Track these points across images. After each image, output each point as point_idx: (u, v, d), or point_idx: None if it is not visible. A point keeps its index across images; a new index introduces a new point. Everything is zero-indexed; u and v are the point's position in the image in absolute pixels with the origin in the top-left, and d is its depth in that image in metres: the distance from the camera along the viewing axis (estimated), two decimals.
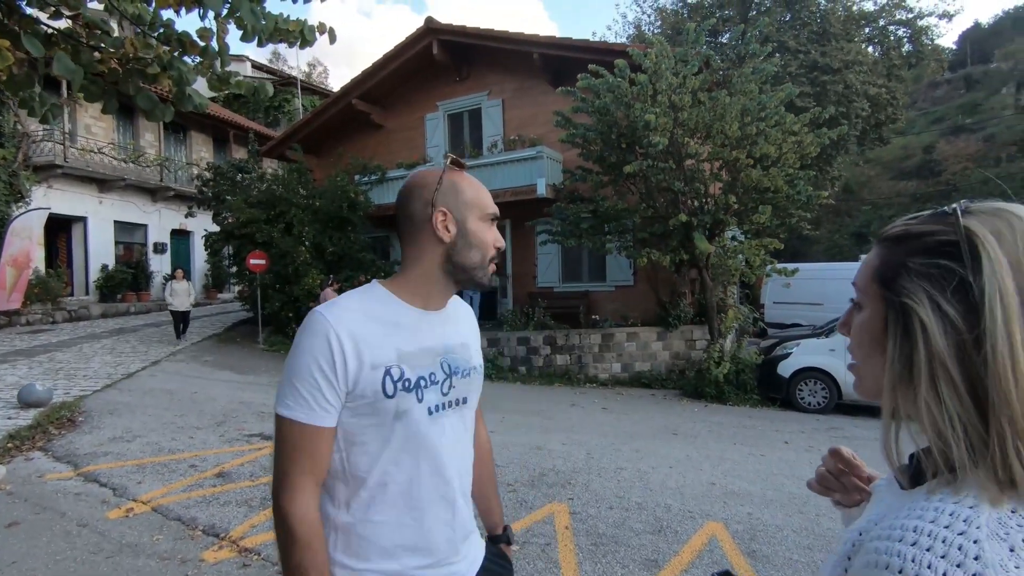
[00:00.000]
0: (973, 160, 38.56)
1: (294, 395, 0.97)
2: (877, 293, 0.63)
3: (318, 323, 0.99)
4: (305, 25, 2.49)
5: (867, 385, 0.67)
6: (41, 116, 2.80)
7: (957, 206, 0.59)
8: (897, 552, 0.52)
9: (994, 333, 0.53)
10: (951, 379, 0.55)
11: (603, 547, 3.47)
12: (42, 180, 14.57)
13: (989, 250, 0.55)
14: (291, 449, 0.97)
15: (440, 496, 1.06)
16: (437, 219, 1.06)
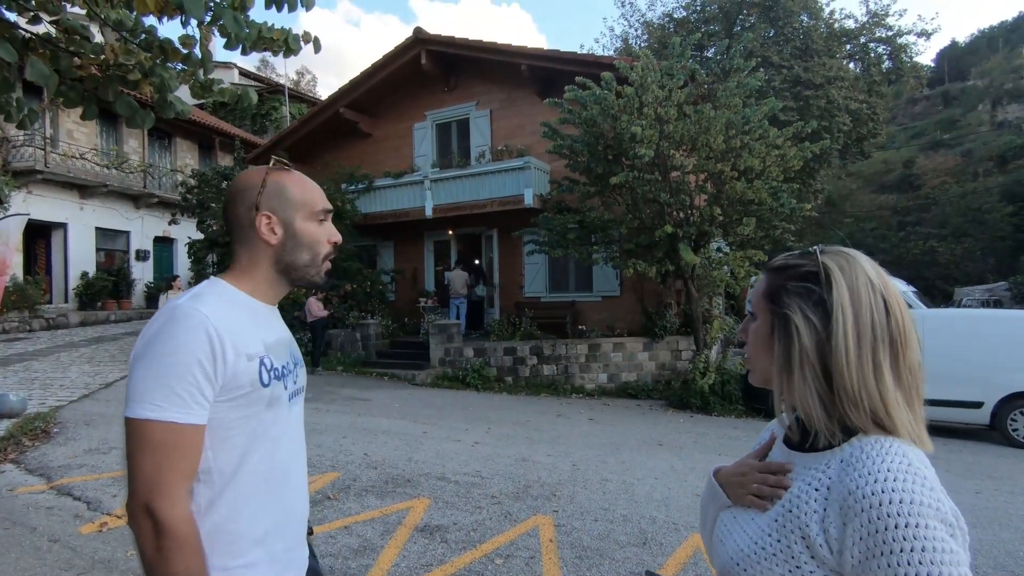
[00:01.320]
0: (951, 175, 39.39)
1: (166, 394, 0.91)
2: (766, 307, 0.87)
3: (192, 316, 0.94)
4: (290, 34, 2.47)
5: (758, 375, 0.90)
6: (18, 121, 2.76)
7: (817, 248, 0.86)
8: (903, 488, 0.71)
9: (838, 332, 0.78)
10: (813, 366, 0.79)
11: (588, 560, 3.45)
12: (22, 185, 14.32)
13: (837, 278, 0.81)
14: (166, 453, 0.90)
15: (295, 478, 1.09)
16: (261, 223, 1.06)
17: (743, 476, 0.92)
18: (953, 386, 7.39)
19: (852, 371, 0.77)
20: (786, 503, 0.80)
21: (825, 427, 0.79)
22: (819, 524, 0.75)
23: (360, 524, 3.89)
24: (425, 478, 4.92)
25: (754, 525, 0.84)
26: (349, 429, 6.70)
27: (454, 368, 10.86)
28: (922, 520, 0.68)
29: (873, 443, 0.76)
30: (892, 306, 0.80)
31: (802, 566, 0.75)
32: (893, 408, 0.78)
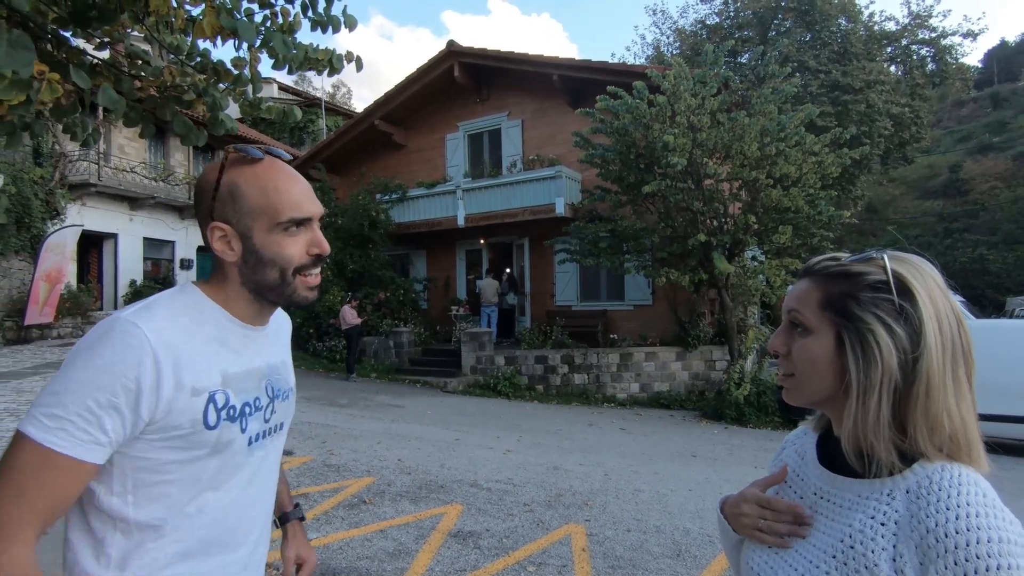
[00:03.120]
0: (1001, 179, 37.82)
1: (57, 414, 0.74)
2: (829, 321, 0.76)
3: (131, 335, 0.77)
4: (333, 54, 2.59)
5: (807, 396, 0.80)
6: (83, 140, 2.94)
7: (881, 253, 0.77)
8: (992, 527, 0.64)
9: (929, 349, 0.70)
10: (896, 388, 0.71)
11: (620, 570, 3.44)
12: (76, 198, 15.10)
13: (916, 287, 0.72)
14: (25, 481, 0.73)
15: (244, 539, 0.91)
16: (214, 236, 0.86)
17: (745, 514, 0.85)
18: (1006, 400, 7.08)
19: (937, 391, 0.70)
20: (846, 538, 0.73)
21: (887, 454, 0.72)
22: (889, 563, 0.69)
23: (395, 528, 3.96)
24: (458, 484, 4.97)
25: (804, 561, 0.77)
26: (383, 435, 6.82)
27: (485, 376, 10.93)
28: (1014, 560, 0.63)
29: (941, 471, 0.70)
30: (961, 318, 0.74)
31: None
32: (972, 429, 0.73)
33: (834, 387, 0.76)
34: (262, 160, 0.87)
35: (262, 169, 0.86)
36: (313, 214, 0.89)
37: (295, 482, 4.90)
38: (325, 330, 12.78)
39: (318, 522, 4.03)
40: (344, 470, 5.27)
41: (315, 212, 0.89)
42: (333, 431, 6.75)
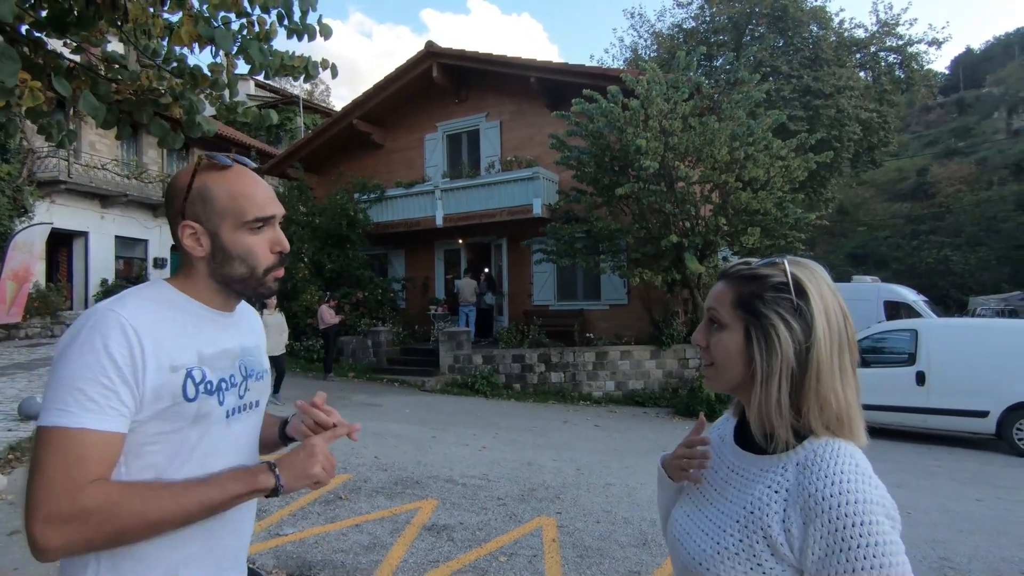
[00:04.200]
0: (966, 183, 39.07)
1: (80, 400, 0.80)
2: (739, 317, 0.89)
3: (110, 318, 0.85)
4: (309, 61, 2.67)
5: (723, 383, 0.93)
6: (58, 141, 2.97)
7: (783, 259, 0.89)
8: (858, 489, 0.77)
9: (818, 339, 0.83)
10: (791, 373, 0.84)
11: (588, 559, 3.57)
12: (45, 195, 14.76)
13: (809, 287, 0.85)
14: (70, 464, 0.79)
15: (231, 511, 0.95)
16: (185, 233, 0.94)
17: (676, 458, 1.02)
18: (959, 396, 7.42)
19: (826, 376, 0.82)
20: (748, 505, 0.84)
21: (785, 432, 0.84)
22: (780, 524, 0.80)
23: (370, 523, 4.05)
24: (433, 480, 5.07)
25: (713, 525, 0.89)
26: (360, 433, 6.86)
27: (463, 375, 11.02)
28: (874, 517, 0.75)
29: (825, 446, 0.82)
30: (847, 314, 0.87)
31: (763, 563, 0.81)
32: (854, 409, 0.85)
33: (744, 375, 0.88)
34: (231, 167, 0.96)
35: (231, 175, 0.95)
36: (275, 213, 0.99)
37: None
38: (303, 330, 12.72)
39: (294, 517, 4.09)
40: None
41: (277, 212, 0.99)
42: None
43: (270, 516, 4.09)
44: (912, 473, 6.14)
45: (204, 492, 0.86)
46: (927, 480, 5.87)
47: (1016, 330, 7.73)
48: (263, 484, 0.90)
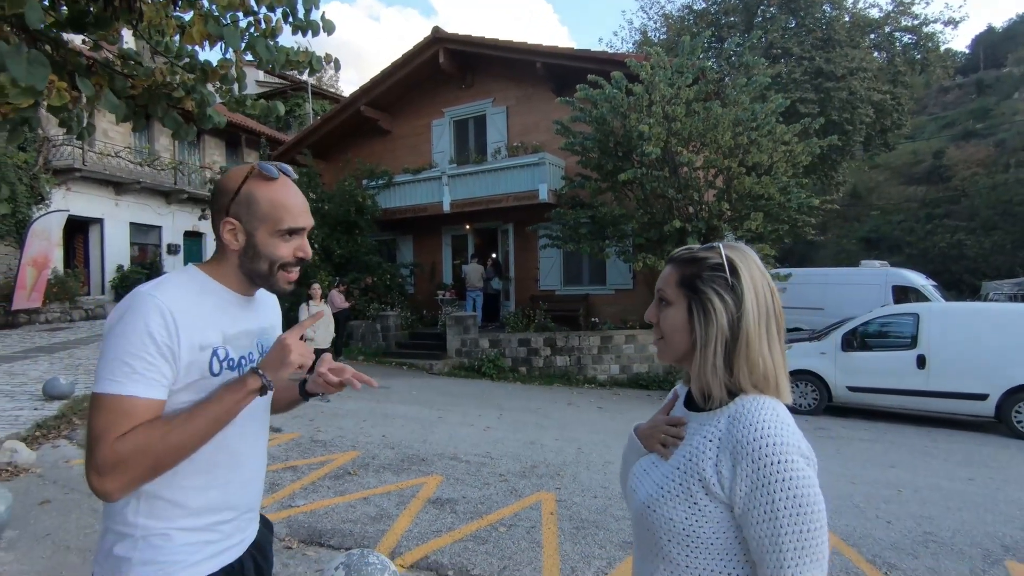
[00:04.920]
0: (982, 166, 38.36)
1: (127, 372, 0.95)
2: (683, 294, 1.02)
3: (149, 300, 0.99)
4: (313, 56, 2.80)
5: (671, 353, 1.05)
6: (78, 133, 3.14)
7: (719, 244, 1.03)
8: (776, 433, 0.90)
9: (747, 311, 0.97)
10: (725, 341, 0.97)
11: (584, 530, 3.75)
12: (61, 183, 15.06)
13: (740, 267, 0.99)
14: (120, 424, 0.94)
15: (246, 462, 1.15)
16: (225, 227, 1.09)
17: (653, 428, 1.13)
18: (959, 379, 7.49)
19: (754, 343, 0.96)
20: (687, 454, 0.98)
21: (719, 391, 0.98)
22: (713, 468, 0.93)
23: (377, 496, 4.25)
24: (438, 458, 5.27)
25: (659, 473, 1.02)
26: (369, 414, 7.11)
27: (470, 358, 11.22)
28: (790, 457, 0.88)
29: (751, 401, 0.95)
30: (775, 290, 1.01)
31: (699, 502, 0.93)
32: (780, 369, 0.98)
33: (688, 344, 1.01)
34: (277, 179, 1.11)
35: (276, 185, 1.10)
36: (306, 226, 1.14)
37: (283, 456, 5.17)
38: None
39: (305, 491, 4.31)
40: (330, 445, 5.55)
41: (308, 224, 1.15)
42: (320, 410, 7.02)
43: (283, 489, 4.31)
44: (907, 454, 6.25)
45: (208, 408, 1.01)
46: (921, 460, 5.99)
47: (1017, 313, 7.75)
48: (252, 386, 1.03)
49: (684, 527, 0.95)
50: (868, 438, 6.99)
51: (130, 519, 1.02)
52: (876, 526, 4.01)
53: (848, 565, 3.39)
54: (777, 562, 0.87)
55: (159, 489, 1.03)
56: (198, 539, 1.07)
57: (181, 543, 1.05)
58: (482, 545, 3.47)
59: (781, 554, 0.87)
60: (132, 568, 1.01)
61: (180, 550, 1.04)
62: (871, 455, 6.14)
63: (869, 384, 8.06)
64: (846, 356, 8.21)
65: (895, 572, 3.32)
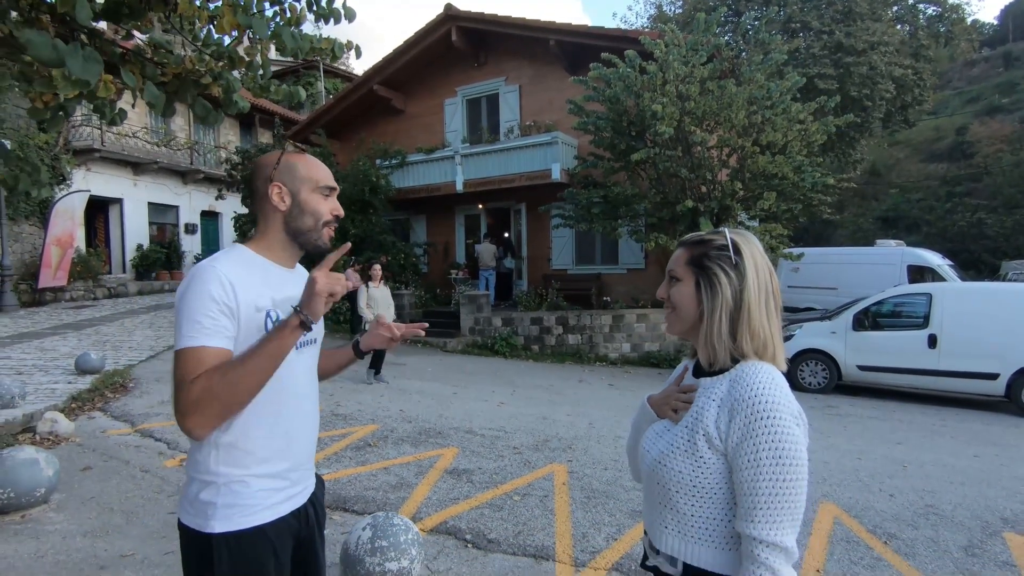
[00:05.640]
0: (1007, 142, 37.34)
1: (197, 328, 1.12)
2: (691, 272, 1.17)
3: (211, 271, 1.16)
4: (335, 43, 2.90)
5: (680, 324, 1.20)
6: (110, 119, 3.27)
7: (725, 229, 1.17)
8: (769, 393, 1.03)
9: (749, 286, 1.11)
10: (729, 312, 1.11)
11: (595, 500, 3.92)
12: (81, 163, 15.32)
13: (743, 249, 1.13)
14: (194, 371, 1.10)
15: (303, 413, 1.31)
16: (273, 191, 1.28)
17: (665, 397, 1.26)
18: (970, 358, 7.52)
19: (755, 313, 1.10)
20: (694, 413, 1.10)
21: (724, 356, 1.11)
22: (714, 423, 1.05)
23: (397, 466, 4.46)
24: (454, 431, 5.47)
25: (671, 434, 1.14)
26: (386, 389, 7.32)
27: (483, 337, 11.40)
28: (777, 413, 1.00)
29: (751, 366, 1.08)
30: (772, 270, 1.15)
31: (703, 455, 1.06)
32: (777, 339, 1.12)
33: (696, 316, 1.15)
34: (304, 154, 1.36)
35: (306, 158, 1.34)
36: (336, 187, 1.37)
37: None
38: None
39: (328, 461, 4.52)
40: (351, 419, 5.77)
41: (337, 187, 1.38)
42: (339, 385, 7.25)
43: None
44: (916, 432, 6.34)
45: (260, 348, 1.13)
46: (928, 438, 6.08)
47: None
48: (293, 322, 1.15)
49: (690, 479, 1.08)
50: (876, 416, 7.09)
51: (212, 468, 1.18)
52: (879, 499, 4.14)
53: (849, 535, 3.53)
54: (751, 504, 1.00)
55: (234, 439, 1.19)
56: (270, 485, 1.23)
57: (257, 488, 1.21)
58: (498, 512, 3.66)
59: (756, 498, 0.99)
60: (217, 511, 1.17)
61: (257, 495, 1.21)
62: (879, 432, 6.24)
63: (879, 363, 8.12)
64: (857, 335, 8.26)
65: (894, 541, 3.46)
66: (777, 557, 0.98)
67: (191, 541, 1.19)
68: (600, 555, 3.14)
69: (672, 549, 1.12)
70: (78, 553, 2.96)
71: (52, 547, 3.01)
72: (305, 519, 1.33)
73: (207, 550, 1.16)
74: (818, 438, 5.80)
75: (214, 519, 1.17)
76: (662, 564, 1.16)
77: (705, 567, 1.08)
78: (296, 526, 1.30)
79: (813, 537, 3.46)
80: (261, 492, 1.22)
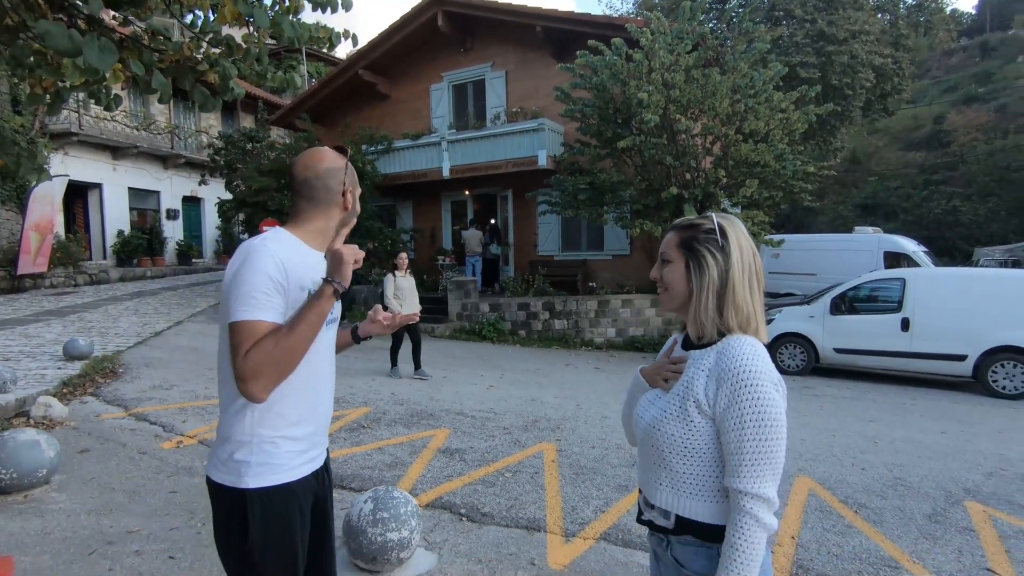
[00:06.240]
0: (982, 131, 38.10)
1: (253, 303, 1.21)
2: (682, 253, 1.28)
3: (264, 250, 1.26)
4: (333, 32, 2.95)
5: (672, 302, 1.31)
6: (105, 105, 3.30)
7: (712, 214, 1.28)
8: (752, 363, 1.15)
9: (734, 266, 1.23)
10: (716, 290, 1.23)
11: (583, 476, 4.09)
12: (59, 147, 15.00)
13: (729, 232, 1.25)
14: (250, 341, 1.20)
15: (324, 382, 1.44)
16: (348, 195, 1.44)
17: (657, 368, 1.39)
18: (941, 341, 7.83)
19: (740, 291, 1.22)
20: (685, 382, 1.22)
21: (711, 330, 1.23)
22: (703, 390, 1.18)
23: (391, 446, 4.58)
24: (445, 413, 5.60)
25: (662, 401, 1.26)
26: (376, 374, 7.43)
27: (471, 322, 11.52)
28: (759, 381, 1.12)
29: (736, 339, 1.20)
30: (756, 252, 1.27)
31: (693, 420, 1.18)
32: (760, 314, 1.24)
33: (686, 294, 1.26)
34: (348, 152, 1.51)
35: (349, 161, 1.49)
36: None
37: None
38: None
39: None
40: (343, 402, 5.87)
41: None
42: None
43: None
44: (887, 411, 6.62)
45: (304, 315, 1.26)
46: (899, 416, 6.36)
47: (996, 279, 8.06)
48: (327, 291, 1.29)
49: (682, 441, 1.21)
50: (851, 396, 7.37)
51: (247, 428, 1.30)
52: (851, 472, 4.37)
53: (823, 505, 3.74)
54: (737, 461, 1.14)
55: (272, 403, 1.29)
56: (296, 447, 1.36)
57: (285, 450, 1.33)
58: (490, 488, 3.81)
59: (742, 456, 1.13)
60: (251, 468, 1.29)
61: (285, 455, 1.33)
62: (853, 411, 6.51)
63: (855, 346, 8.41)
64: (834, 320, 8.53)
65: (864, 511, 3.68)
66: (760, 506, 1.12)
67: (224, 496, 1.31)
68: (589, 526, 3.31)
69: (666, 503, 1.26)
70: (84, 530, 3.04)
71: (58, 524, 3.09)
72: (322, 480, 1.47)
73: (241, 504, 1.28)
74: (795, 417, 6.05)
75: (248, 476, 1.28)
76: (656, 518, 1.29)
77: (695, 518, 1.22)
78: (315, 486, 1.43)
79: (789, 507, 3.67)
80: (288, 453, 1.33)
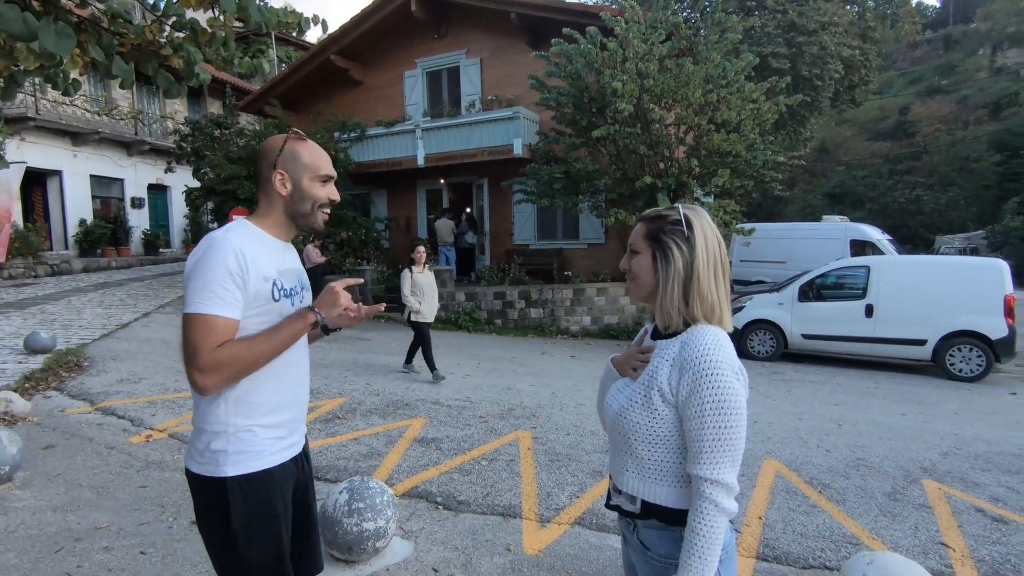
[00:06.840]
0: (944, 122, 39.28)
1: (209, 296, 1.22)
2: (649, 244, 1.30)
3: (225, 241, 1.26)
4: (302, 17, 2.90)
5: (640, 292, 1.33)
6: (63, 89, 3.18)
7: (679, 205, 1.29)
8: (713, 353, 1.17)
9: (699, 257, 1.24)
10: (681, 281, 1.25)
11: (558, 462, 4.15)
12: (14, 133, 14.38)
13: (695, 223, 1.26)
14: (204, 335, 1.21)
15: (299, 370, 1.45)
16: (276, 178, 1.38)
17: (627, 357, 1.42)
18: (902, 326, 8.11)
19: (704, 281, 1.23)
20: (650, 371, 1.24)
21: (677, 319, 1.25)
22: (667, 379, 1.20)
23: (367, 437, 4.57)
24: (421, 403, 5.60)
25: (630, 389, 1.29)
26: (351, 364, 7.38)
27: (447, 311, 11.48)
28: (720, 371, 1.14)
29: (701, 329, 1.22)
30: (721, 242, 1.30)
31: (657, 408, 1.21)
32: (724, 304, 1.26)
33: (653, 284, 1.28)
34: (307, 140, 1.44)
35: (309, 144, 1.43)
36: (334, 175, 1.47)
37: None
38: None
39: None
40: (317, 393, 5.82)
41: (334, 174, 1.47)
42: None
43: None
44: (852, 394, 6.85)
45: (281, 329, 1.32)
46: (862, 399, 6.59)
47: (956, 266, 8.37)
48: (311, 319, 1.35)
49: (647, 428, 1.24)
50: (817, 380, 7.60)
51: (222, 418, 1.31)
52: (816, 454, 4.52)
53: (789, 486, 3.87)
54: (698, 449, 1.17)
55: (245, 393, 1.31)
56: (273, 435, 1.37)
57: (263, 437, 1.34)
58: (466, 476, 3.84)
59: (702, 443, 1.16)
60: (229, 458, 1.29)
61: (263, 442, 1.34)
62: (819, 395, 6.72)
63: (822, 332, 8.65)
64: (802, 306, 8.76)
65: (828, 490, 3.82)
66: (720, 492, 1.15)
67: (203, 486, 1.31)
68: (564, 511, 3.37)
69: (632, 489, 1.29)
70: (50, 527, 2.98)
71: (22, 522, 3.01)
72: (301, 467, 1.49)
73: (221, 493, 1.29)
74: (763, 401, 6.21)
75: (226, 465, 1.29)
76: (623, 503, 1.32)
77: (660, 503, 1.25)
78: (295, 471, 1.44)
79: (757, 489, 3.78)
80: (267, 440, 1.35)
